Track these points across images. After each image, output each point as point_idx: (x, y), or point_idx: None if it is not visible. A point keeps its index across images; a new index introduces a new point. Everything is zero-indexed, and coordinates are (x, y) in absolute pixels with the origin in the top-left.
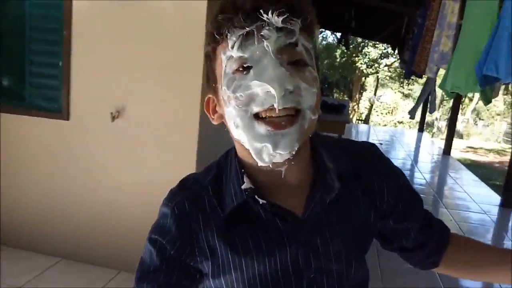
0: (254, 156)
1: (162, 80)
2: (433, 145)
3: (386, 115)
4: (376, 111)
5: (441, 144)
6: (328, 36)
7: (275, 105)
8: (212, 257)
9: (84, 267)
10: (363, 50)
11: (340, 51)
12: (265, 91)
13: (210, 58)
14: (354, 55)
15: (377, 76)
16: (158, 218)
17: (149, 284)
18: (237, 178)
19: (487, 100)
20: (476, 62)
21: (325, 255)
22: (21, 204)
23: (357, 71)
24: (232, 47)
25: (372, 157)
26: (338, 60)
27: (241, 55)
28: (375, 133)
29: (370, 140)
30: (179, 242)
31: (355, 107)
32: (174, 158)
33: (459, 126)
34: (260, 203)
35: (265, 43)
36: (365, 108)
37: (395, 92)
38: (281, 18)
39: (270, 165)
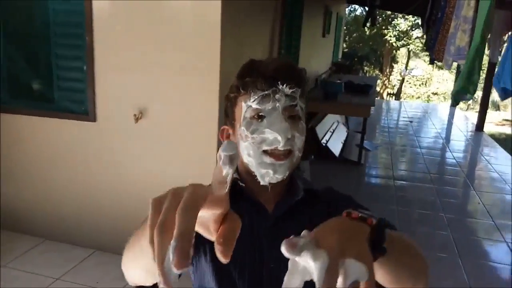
0: (259, 178)
1: (181, 80)
2: (466, 120)
3: (420, 86)
4: (409, 83)
5: (475, 118)
6: (357, 9)
7: (279, 147)
8: None
9: (116, 258)
10: (393, 22)
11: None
12: (273, 136)
13: (231, 102)
14: (383, 27)
15: (408, 49)
16: None
17: None
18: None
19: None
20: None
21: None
22: (55, 201)
23: (387, 44)
24: (254, 101)
25: (333, 191)
26: (367, 33)
27: (259, 107)
28: (405, 110)
29: (401, 118)
30: None
31: (386, 82)
32: (196, 156)
33: (495, 96)
34: (240, 184)
35: (277, 103)
36: (397, 80)
37: (428, 64)
38: (290, 90)
39: (267, 184)
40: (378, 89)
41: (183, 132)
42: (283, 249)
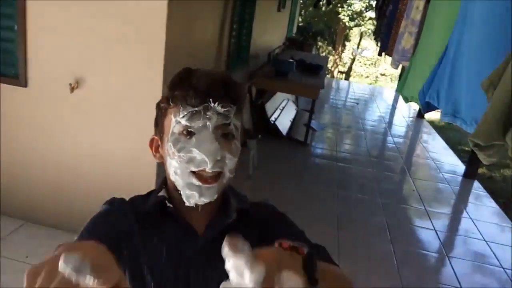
0: (183, 197)
1: (123, 50)
2: (410, 105)
3: (369, 66)
4: (360, 62)
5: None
6: None
7: (207, 169)
8: (127, 243)
9: (48, 231)
10: (348, 1)
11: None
12: (201, 157)
13: (161, 112)
14: (338, 5)
15: (360, 30)
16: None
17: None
18: (158, 190)
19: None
20: (422, 85)
21: (208, 274)
22: None
23: (340, 23)
24: (183, 117)
25: (266, 208)
26: (323, 8)
27: (188, 124)
28: (353, 90)
29: (348, 99)
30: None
31: (337, 60)
32: (134, 132)
33: None
34: (167, 205)
35: (208, 122)
36: (349, 58)
37: (377, 54)
38: (222, 109)
39: (194, 206)
40: (329, 66)
41: (123, 106)
42: (224, 245)
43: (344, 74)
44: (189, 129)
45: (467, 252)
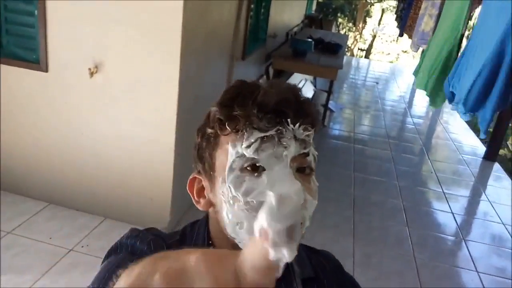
0: None
1: (140, 35)
2: None
3: (391, 43)
4: (381, 38)
5: None
6: None
7: None
8: None
9: (71, 212)
10: None
11: None
12: None
13: (209, 142)
14: None
15: (382, 6)
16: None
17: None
18: (201, 245)
19: (434, 105)
20: (438, 71)
21: None
22: (6, 152)
23: None
24: (247, 147)
25: (331, 262)
26: None
27: (255, 157)
28: (373, 70)
29: (368, 78)
30: None
31: (358, 36)
32: (152, 117)
33: None
34: None
35: (284, 151)
36: (370, 35)
37: (398, 36)
38: (304, 133)
39: None
40: (349, 43)
41: (141, 89)
42: None
43: (364, 52)
44: (256, 164)
45: (484, 235)
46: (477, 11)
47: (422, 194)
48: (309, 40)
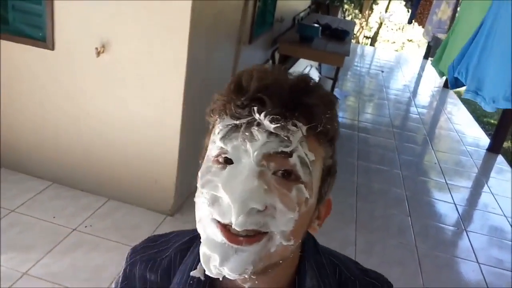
0: (201, 261)
1: (148, 16)
2: (436, 74)
3: (397, 31)
4: (387, 26)
5: None
6: None
7: (232, 223)
8: None
9: (75, 192)
10: None
11: None
12: (227, 201)
13: (208, 129)
14: None
15: None
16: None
17: None
18: (193, 260)
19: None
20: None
21: None
22: (9, 130)
23: None
24: (219, 133)
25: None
26: None
27: (223, 146)
28: (379, 58)
29: (373, 66)
30: None
31: (364, 24)
32: (159, 95)
33: None
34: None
35: (248, 145)
36: (376, 22)
37: (408, 10)
38: (273, 125)
39: (220, 278)
40: (355, 31)
41: (148, 70)
42: None
43: (369, 39)
44: (226, 155)
45: (485, 226)
46: None
47: (425, 184)
48: (317, 25)
